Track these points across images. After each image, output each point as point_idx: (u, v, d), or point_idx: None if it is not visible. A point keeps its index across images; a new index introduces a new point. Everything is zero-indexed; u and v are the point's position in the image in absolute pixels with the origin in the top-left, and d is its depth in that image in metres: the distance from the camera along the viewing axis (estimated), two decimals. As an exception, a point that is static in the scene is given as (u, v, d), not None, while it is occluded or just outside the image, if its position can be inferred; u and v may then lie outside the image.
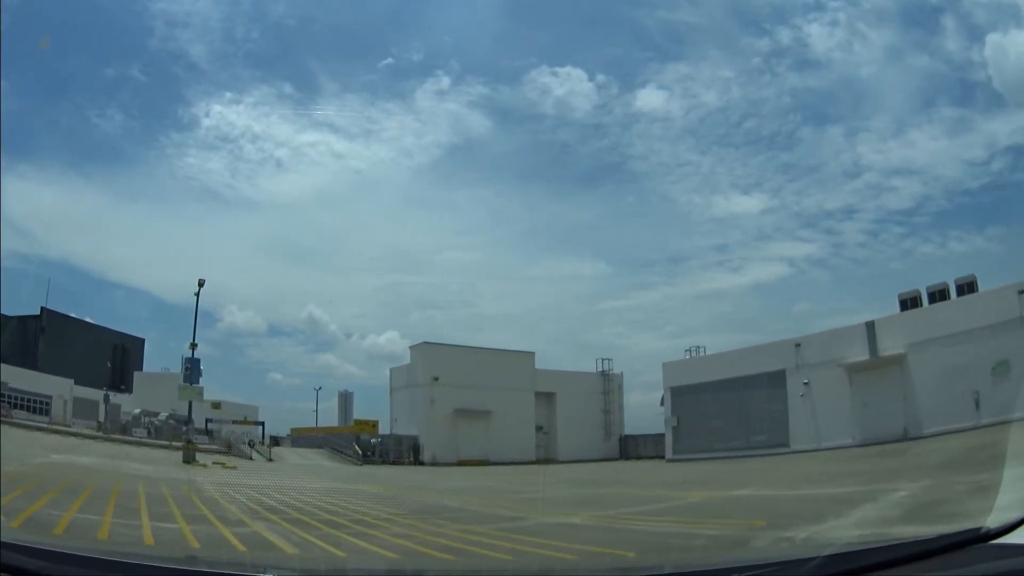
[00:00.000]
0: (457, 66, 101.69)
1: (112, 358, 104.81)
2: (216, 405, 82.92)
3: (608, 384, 76.55)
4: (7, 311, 77.11)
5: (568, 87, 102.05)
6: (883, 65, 77.57)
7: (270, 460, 52.63)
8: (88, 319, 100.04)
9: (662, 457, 56.21)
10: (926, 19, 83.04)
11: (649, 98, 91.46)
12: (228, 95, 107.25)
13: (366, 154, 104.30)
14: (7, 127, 73.48)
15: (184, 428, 59.61)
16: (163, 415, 70.30)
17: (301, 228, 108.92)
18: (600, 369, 79.69)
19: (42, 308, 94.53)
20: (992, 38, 68.73)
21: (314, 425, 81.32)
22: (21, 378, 62.29)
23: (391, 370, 73.34)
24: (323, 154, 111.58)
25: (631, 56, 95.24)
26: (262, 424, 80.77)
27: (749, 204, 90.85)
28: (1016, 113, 69.24)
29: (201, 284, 48.68)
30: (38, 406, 63.28)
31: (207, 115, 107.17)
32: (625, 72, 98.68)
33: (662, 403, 57.37)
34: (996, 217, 74.76)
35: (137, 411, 69.61)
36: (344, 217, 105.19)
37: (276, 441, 73.40)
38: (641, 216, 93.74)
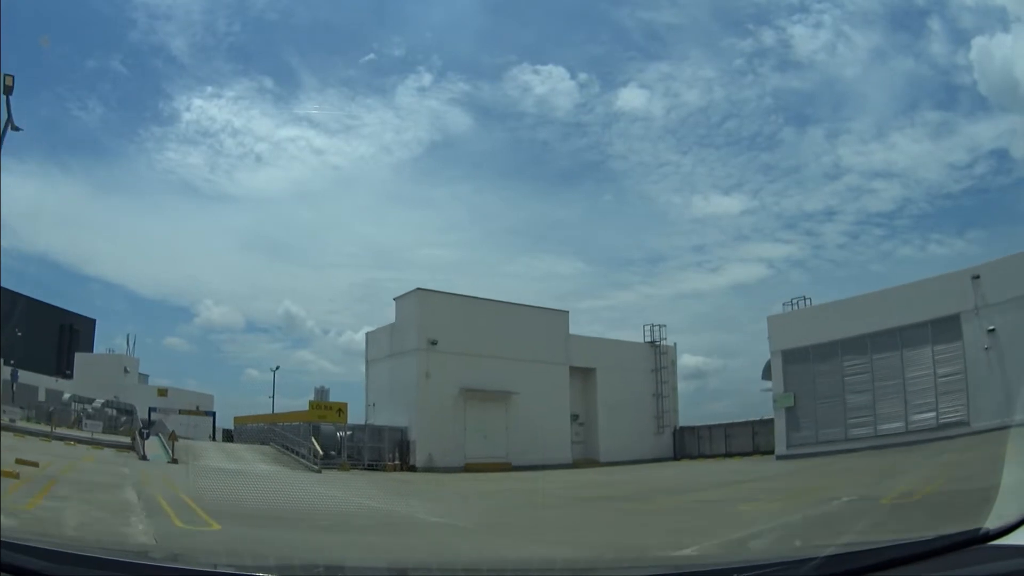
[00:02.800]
0: (439, 62, 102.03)
1: (59, 339, 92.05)
2: (162, 392, 78.67)
3: (660, 359, 57.54)
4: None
5: (549, 85, 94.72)
6: (867, 67, 75.41)
7: (173, 461, 34.79)
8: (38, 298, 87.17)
9: (731, 455, 47.13)
10: (912, 22, 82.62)
11: (630, 97, 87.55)
12: (209, 89, 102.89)
13: (346, 150, 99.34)
14: None
15: (123, 418, 53.78)
16: (99, 402, 58.92)
17: (279, 223, 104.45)
18: (649, 338, 58.66)
19: None
20: (978, 41, 66.67)
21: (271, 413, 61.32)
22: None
23: (368, 335, 54.59)
24: (302, 149, 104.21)
25: (613, 55, 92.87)
26: (212, 414, 73.48)
27: (729, 204, 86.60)
28: (1000, 117, 68.89)
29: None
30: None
31: (188, 109, 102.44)
32: (607, 71, 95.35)
33: (765, 375, 44.06)
34: (977, 221, 77.23)
35: (67, 396, 58.66)
36: (322, 213, 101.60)
37: (230, 435, 62.60)
38: (620, 215, 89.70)
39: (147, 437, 35.66)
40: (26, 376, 65.73)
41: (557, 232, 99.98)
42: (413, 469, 41.71)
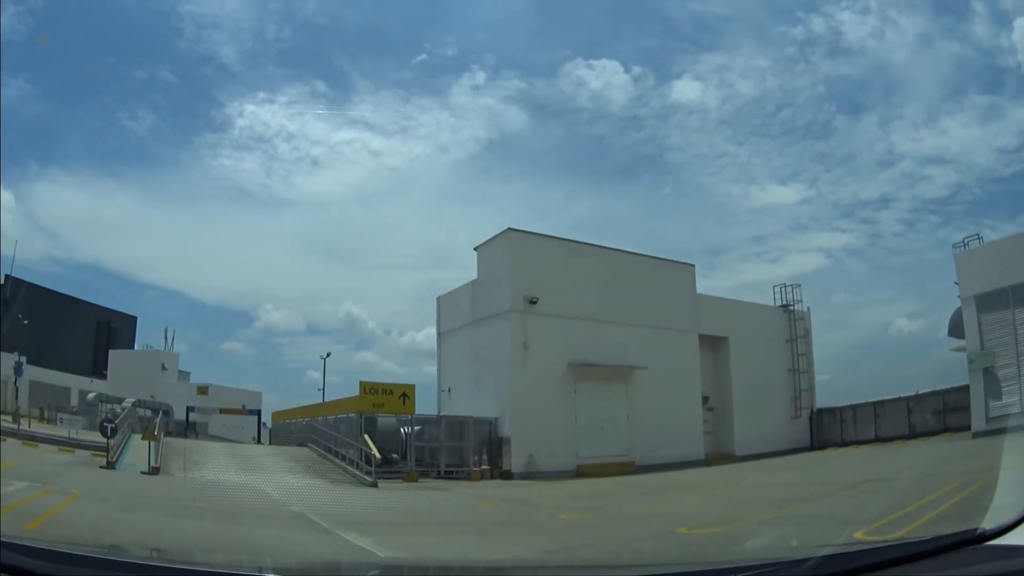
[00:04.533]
0: (492, 60, 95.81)
1: (95, 338, 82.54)
2: (202, 389, 67.85)
3: (795, 326, 43.48)
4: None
5: (604, 80, 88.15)
6: (915, 52, 71.71)
7: (152, 470, 22.79)
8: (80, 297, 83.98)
9: (878, 440, 36.82)
10: (955, 5, 71.93)
11: (685, 89, 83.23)
12: (261, 95, 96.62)
13: (402, 151, 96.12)
14: (34, 132, 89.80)
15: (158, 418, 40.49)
16: (129, 401, 46.51)
17: (338, 226, 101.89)
18: (783, 302, 44.49)
19: (7, 277, 70.74)
20: (1020, 23, 57.39)
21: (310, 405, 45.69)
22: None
23: (440, 300, 40.03)
24: (359, 152, 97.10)
25: (665, 47, 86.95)
26: (257, 413, 62.42)
27: (786, 194, 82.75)
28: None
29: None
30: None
31: (240, 115, 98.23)
32: (660, 63, 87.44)
33: (953, 332, 34.44)
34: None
35: (92, 396, 49.69)
36: (381, 214, 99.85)
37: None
38: (679, 208, 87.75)
39: (112, 434, 23.25)
40: (57, 376, 62.07)
41: (616, 226, 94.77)
42: (508, 475, 29.41)
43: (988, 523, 3.36)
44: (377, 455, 24.92)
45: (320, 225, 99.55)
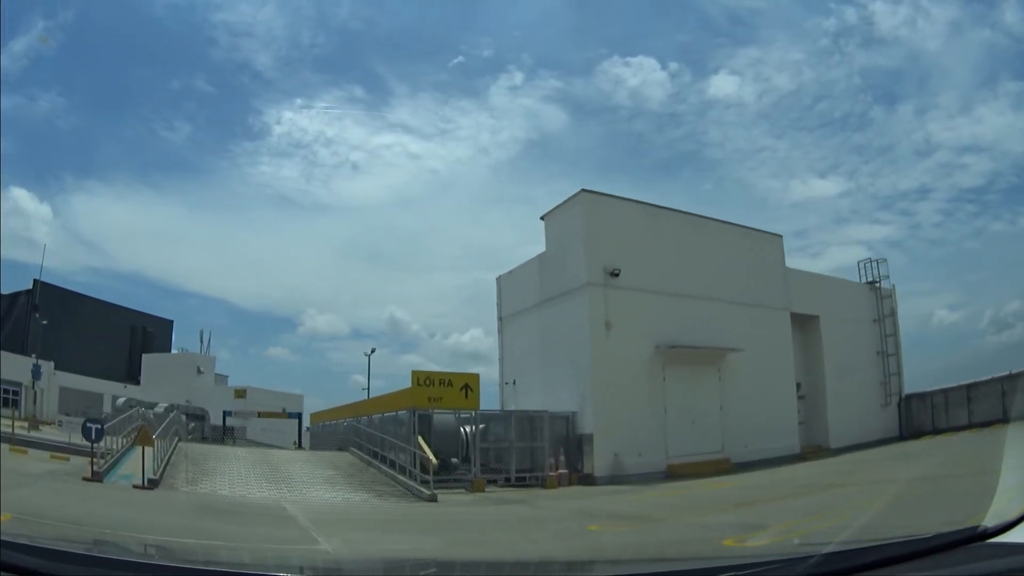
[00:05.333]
0: (529, 61, 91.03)
1: (130, 343, 76.20)
2: (240, 393, 62.94)
3: (882, 304, 36.83)
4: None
5: (641, 77, 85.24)
6: (947, 40, 67.74)
7: (148, 484, 17.13)
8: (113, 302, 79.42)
9: (972, 426, 30.71)
10: None
11: (722, 84, 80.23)
12: (298, 101, 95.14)
13: (442, 153, 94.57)
14: (70, 145, 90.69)
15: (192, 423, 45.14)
16: (161, 406, 43.17)
17: (380, 230, 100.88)
18: (868, 278, 37.74)
19: (35, 280, 67.88)
20: None
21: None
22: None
23: (500, 280, 33.65)
24: (399, 155, 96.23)
25: (701, 42, 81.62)
26: (297, 416, 55.93)
27: (826, 187, 79.42)
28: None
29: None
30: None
31: (278, 122, 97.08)
32: (696, 59, 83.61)
33: None
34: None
35: (121, 401, 45.32)
36: (423, 217, 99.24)
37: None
38: (720, 203, 79.55)
39: (98, 437, 17.95)
40: (89, 382, 57.25)
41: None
42: (589, 480, 23.94)
43: (990, 521, 3.20)
44: (434, 460, 19.66)
45: (362, 229, 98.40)
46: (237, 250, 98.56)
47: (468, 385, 22.01)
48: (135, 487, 16.63)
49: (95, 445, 17.58)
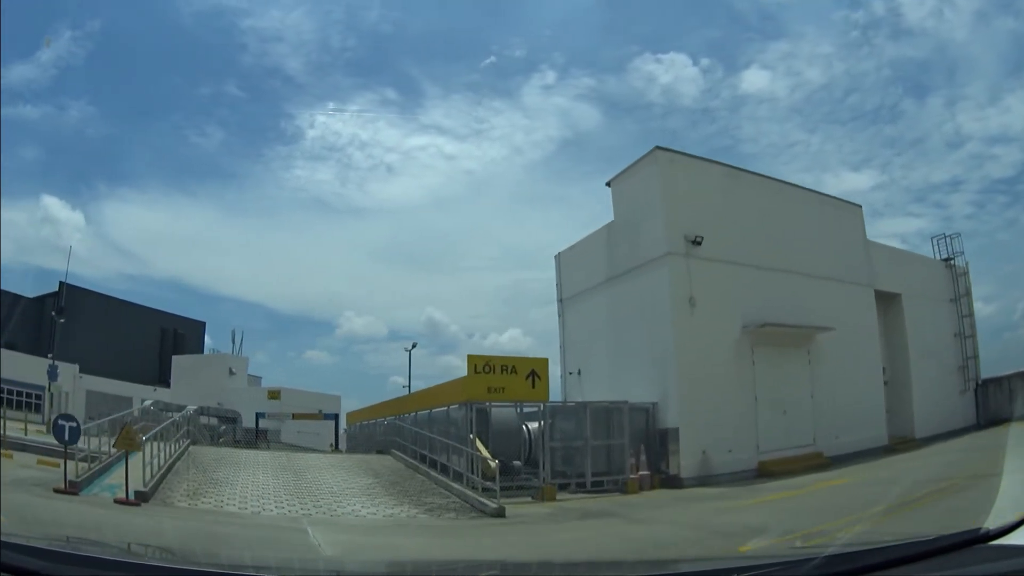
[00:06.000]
0: (561, 59, 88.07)
1: (161, 345, 71.84)
2: (274, 394, 57.40)
3: (958, 283, 32.57)
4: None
5: (673, 73, 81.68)
6: (973, 30, 64.61)
7: (131, 499, 13.03)
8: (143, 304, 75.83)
9: None
10: None
11: (754, 79, 77.51)
12: (331, 105, 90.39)
13: (477, 154, 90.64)
14: (102, 153, 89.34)
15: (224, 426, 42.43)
16: (190, 409, 35.20)
17: (416, 231, 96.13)
18: (943, 255, 33.42)
19: (60, 283, 61.23)
20: None
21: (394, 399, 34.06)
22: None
23: (560, 257, 28.63)
24: (433, 157, 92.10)
25: (731, 38, 78.05)
26: (334, 417, 50.37)
27: (859, 181, 74.47)
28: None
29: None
30: (24, 400, 39.43)
31: (311, 126, 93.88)
32: (727, 54, 79.04)
33: None
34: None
35: (147, 403, 34.83)
36: (459, 218, 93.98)
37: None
38: None
39: (72, 439, 14.23)
40: (118, 386, 53.37)
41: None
42: (675, 482, 19.60)
43: (991, 523, 3.07)
44: (493, 465, 15.92)
45: (398, 231, 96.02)
46: (273, 254, 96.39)
47: (535, 372, 17.62)
48: (117, 502, 12.79)
49: (70, 448, 13.32)
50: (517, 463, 17.22)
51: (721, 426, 20.55)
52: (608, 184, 24.30)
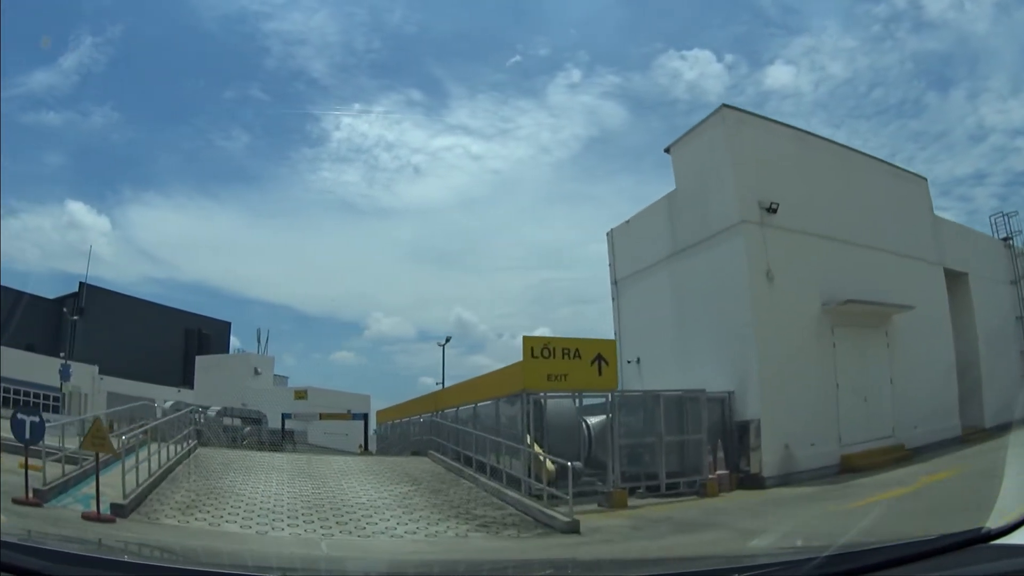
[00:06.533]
0: (586, 58, 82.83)
1: (185, 346, 66.94)
2: (300, 394, 53.07)
3: (1017, 264, 27.98)
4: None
5: (698, 70, 77.76)
6: (994, 21, 60.97)
7: (108, 512, 10.05)
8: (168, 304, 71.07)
9: None
10: None
11: (778, 75, 74.11)
12: (356, 106, 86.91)
13: (503, 153, 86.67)
14: (127, 158, 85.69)
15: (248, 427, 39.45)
16: (214, 410, 37.82)
17: (443, 232, 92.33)
18: (1004, 233, 28.88)
19: (80, 284, 58.88)
20: None
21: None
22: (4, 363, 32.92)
23: (612, 233, 23.89)
24: (460, 157, 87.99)
25: (754, 33, 74.57)
26: (363, 417, 46.28)
27: None
28: None
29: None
30: (41, 402, 35.14)
31: (337, 128, 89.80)
32: (751, 50, 76.07)
33: None
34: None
35: (168, 404, 34.73)
36: (486, 218, 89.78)
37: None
38: None
39: (34, 437, 10.65)
40: (141, 387, 48.44)
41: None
42: (756, 482, 16.28)
43: (993, 522, 2.94)
44: (550, 468, 13.02)
45: (426, 231, 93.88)
46: (300, 256, 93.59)
47: (602, 356, 14.38)
48: (85, 518, 9.87)
49: (44, 448, 10.35)
50: (577, 464, 13.95)
51: (802, 417, 17.45)
52: (667, 150, 21.07)
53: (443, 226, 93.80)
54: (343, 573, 4.65)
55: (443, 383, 42.82)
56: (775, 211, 18.33)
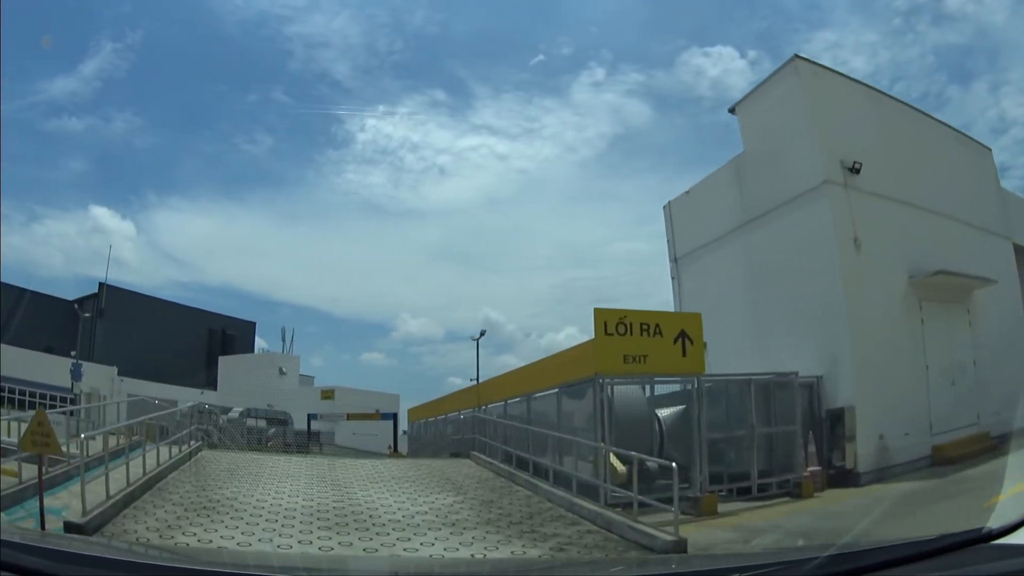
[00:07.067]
0: (609, 56, 78.60)
1: (208, 346, 61.73)
2: (327, 393, 49.31)
3: None
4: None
5: (721, 66, 74.05)
6: (1012, 12, 55.45)
7: (62, 529, 7.59)
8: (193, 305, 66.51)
9: None
10: None
11: None
12: (381, 108, 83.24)
13: (529, 152, 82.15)
14: (151, 163, 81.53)
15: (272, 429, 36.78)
16: (236, 411, 35.69)
17: (470, 232, 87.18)
18: None
19: (100, 284, 54.50)
20: None
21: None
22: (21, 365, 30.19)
23: (670, 207, 20.43)
24: (485, 157, 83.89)
25: (776, 28, 70.33)
26: (392, 417, 41.64)
27: None
28: None
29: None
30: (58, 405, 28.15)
31: (362, 130, 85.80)
32: (774, 45, 71.03)
33: None
34: None
35: (187, 405, 22.73)
36: (513, 217, 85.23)
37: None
38: None
39: None
40: (163, 389, 44.33)
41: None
42: (851, 480, 13.05)
43: (993, 522, 2.74)
44: (620, 469, 10.87)
45: (452, 232, 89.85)
46: (326, 258, 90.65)
47: (686, 333, 11.40)
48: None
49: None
50: (652, 464, 11.15)
51: (895, 403, 14.73)
52: (732, 111, 18.30)
53: (469, 226, 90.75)
54: (345, 573, 4.34)
55: (478, 379, 40.28)
56: (858, 171, 15.62)
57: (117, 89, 77.45)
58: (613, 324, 11.50)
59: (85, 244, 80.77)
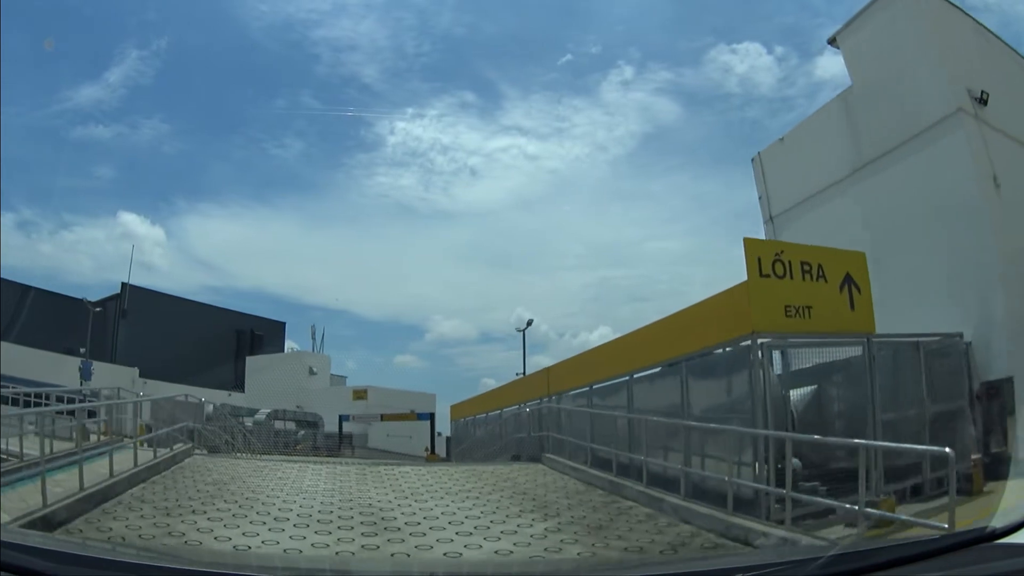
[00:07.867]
0: (637, 54, 75.96)
1: (237, 347, 57.75)
2: (360, 393, 45.43)
3: None
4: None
5: (749, 63, 71.87)
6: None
7: None
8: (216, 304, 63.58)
9: None
10: None
11: (828, 65, 65.51)
12: (410, 110, 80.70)
13: (560, 152, 79.10)
14: (180, 170, 79.07)
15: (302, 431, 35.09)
16: (262, 413, 34.03)
17: (502, 233, 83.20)
18: None
19: (123, 284, 51.68)
20: None
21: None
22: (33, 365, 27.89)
23: (761, 157, 17.16)
24: (516, 157, 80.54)
25: (802, 23, 67.88)
26: (429, 417, 39.14)
27: None
28: None
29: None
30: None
31: (391, 132, 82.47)
32: (800, 41, 67.69)
33: None
34: None
35: (210, 408, 27.25)
36: (544, 217, 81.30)
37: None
38: None
39: None
40: (187, 390, 41.36)
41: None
42: (1000, 469, 9.11)
43: (998, 521, 2.70)
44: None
45: (484, 233, 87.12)
46: (358, 261, 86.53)
47: (852, 279, 8.13)
48: None
49: None
50: (796, 461, 7.97)
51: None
52: (831, 41, 15.30)
53: (501, 227, 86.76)
54: (348, 573, 4.16)
55: (524, 371, 36.29)
56: (986, 103, 12.52)
57: (144, 96, 75.40)
58: (769, 262, 8.43)
59: (115, 250, 79.15)
